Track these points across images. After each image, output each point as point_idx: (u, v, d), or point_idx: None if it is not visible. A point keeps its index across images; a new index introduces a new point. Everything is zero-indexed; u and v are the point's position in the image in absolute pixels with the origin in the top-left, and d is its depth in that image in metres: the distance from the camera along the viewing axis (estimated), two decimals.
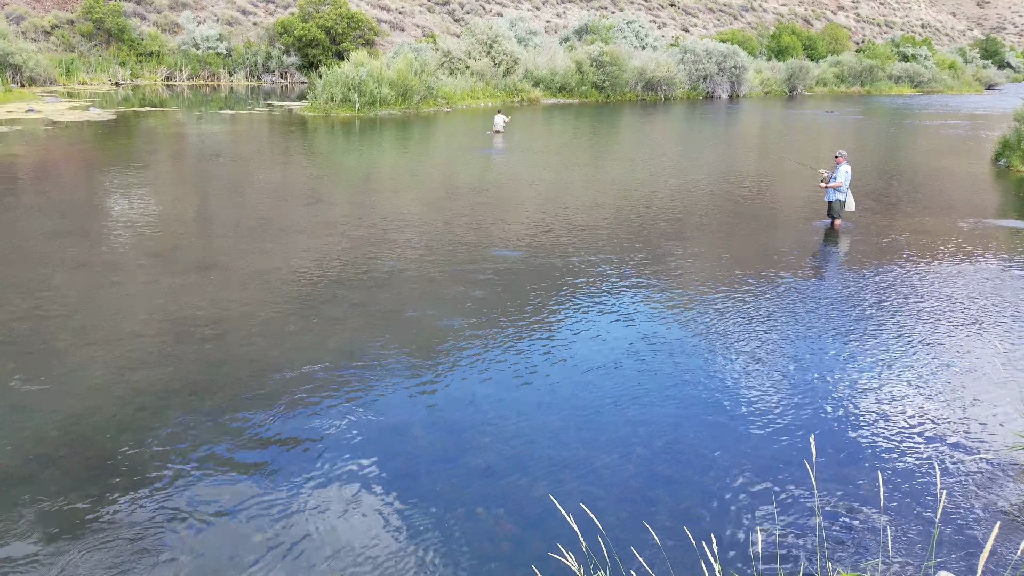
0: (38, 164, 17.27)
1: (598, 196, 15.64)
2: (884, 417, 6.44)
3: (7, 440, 5.66)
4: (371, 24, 46.74)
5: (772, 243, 12.18)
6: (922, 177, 19.91)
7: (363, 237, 11.62)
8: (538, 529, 4.84)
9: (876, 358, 7.64)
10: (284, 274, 9.70)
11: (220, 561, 4.49)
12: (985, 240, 12.69)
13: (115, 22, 40.67)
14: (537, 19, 60.38)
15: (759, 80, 53.89)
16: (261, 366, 7.00)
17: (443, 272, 9.99)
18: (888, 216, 14.42)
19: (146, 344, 7.41)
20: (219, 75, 43.65)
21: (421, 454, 5.67)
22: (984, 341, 8.13)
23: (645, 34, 54.24)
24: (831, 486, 5.42)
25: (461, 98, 36.14)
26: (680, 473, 5.52)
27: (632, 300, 9.18)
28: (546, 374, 7.06)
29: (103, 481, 5.20)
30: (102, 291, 8.89)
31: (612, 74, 43.37)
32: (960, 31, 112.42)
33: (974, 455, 5.86)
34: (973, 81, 73.94)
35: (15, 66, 34.45)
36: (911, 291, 9.80)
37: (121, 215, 12.62)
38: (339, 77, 30.65)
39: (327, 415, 6.18)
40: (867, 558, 4.67)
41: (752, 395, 6.77)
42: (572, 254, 11.06)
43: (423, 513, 4.98)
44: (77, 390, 6.44)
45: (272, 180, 16.51)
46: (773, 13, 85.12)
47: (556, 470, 5.49)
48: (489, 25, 40.69)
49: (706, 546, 3.76)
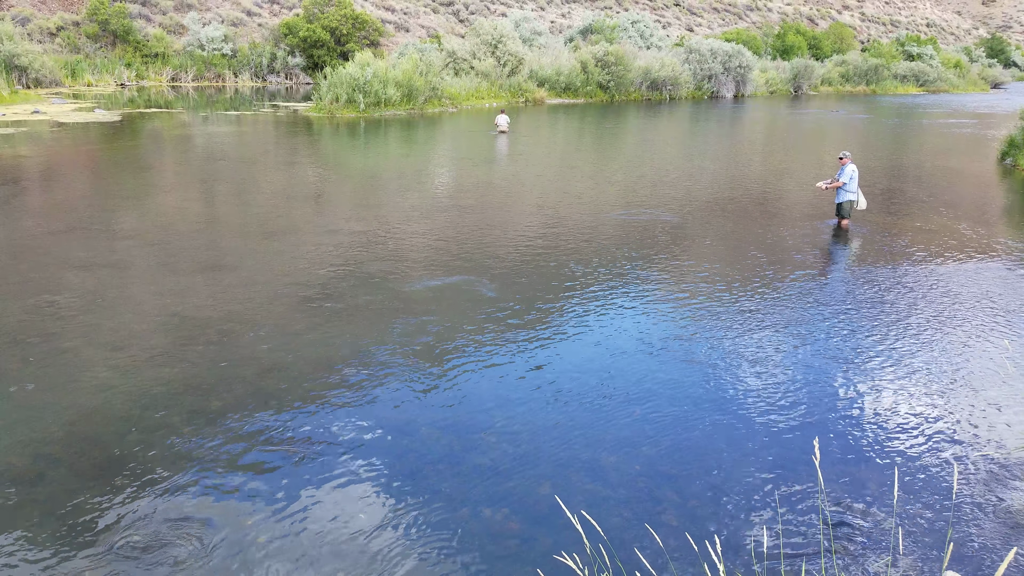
0: (44, 165, 17.32)
1: (603, 196, 15.62)
2: (892, 417, 6.41)
3: (14, 439, 5.67)
4: (376, 25, 46.80)
5: (779, 243, 12.15)
6: (928, 176, 19.84)
7: (369, 238, 11.63)
8: (544, 528, 4.83)
9: (883, 357, 7.61)
10: (290, 274, 9.71)
11: (226, 560, 4.49)
12: (992, 239, 12.64)
13: (120, 23, 40.80)
14: (542, 19, 60.38)
15: (764, 79, 53.79)
16: (267, 366, 7.01)
17: (450, 272, 9.99)
18: (894, 215, 14.37)
19: (152, 344, 7.43)
20: (224, 76, 43.75)
21: (427, 453, 5.66)
22: (992, 340, 8.09)
23: (650, 34, 54.19)
24: (838, 486, 5.40)
25: (466, 98, 36.15)
26: (686, 472, 5.51)
27: (639, 300, 9.16)
28: (552, 373, 7.05)
29: (109, 480, 5.21)
30: (108, 291, 8.91)
31: (617, 74, 43.34)
32: (965, 30, 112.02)
33: (982, 454, 5.83)
34: (979, 80, 73.67)
35: (21, 68, 34.59)
36: (918, 290, 9.76)
37: (127, 216, 12.65)
38: (344, 78, 30.68)
39: (333, 415, 6.19)
40: (875, 559, 4.65)
41: (759, 394, 6.74)
42: (580, 253, 11.04)
43: (429, 512, 4.97)
44: (84, 390, 6.46)
45: (278, 181, 16.53)
46: (778, 12, 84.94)
47: (562, 469, 5.48)
48: (494, 25, 40.68)
49: (709, 546, 3.74)
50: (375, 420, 6.12)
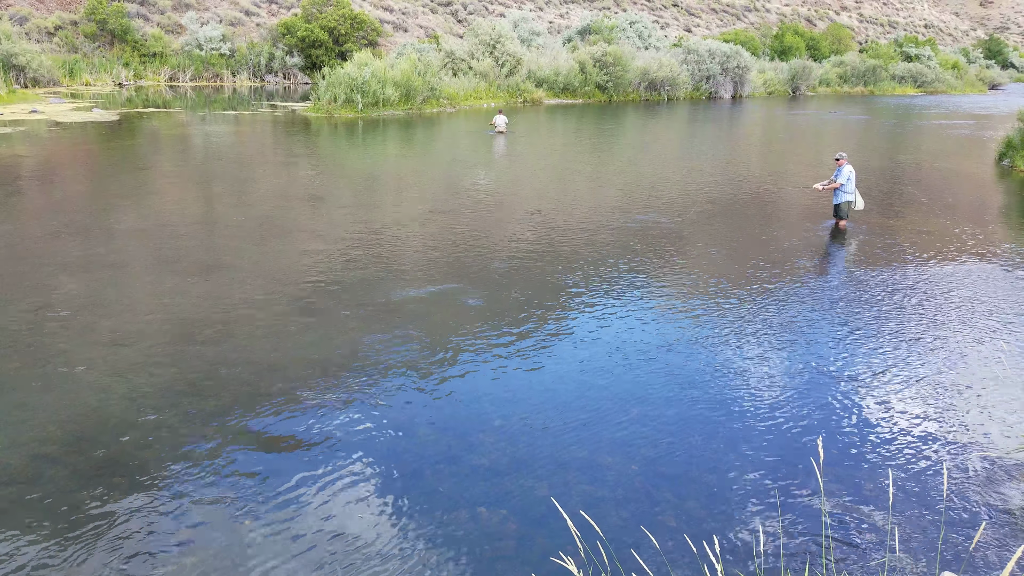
0: (42, 165, 17.29)
1: (602, 197, 15.62)
2: (889, 418, 6.42)
3: (10, 439, 5.66)
4: (374, 25, 46.80)
5: (777, 244, 12.16)
6: (926, 177, 19.87)
7: (366, 238, 11.62)
8: (542, 529, 4.83)
9: (881, 358, 7.61)
10: (287, 274, 9.70)
11: (223, 561, 4.48)
12: (989, 240, 12.66)
13: (118, 23, 40.76)
14: (540, 19, 60.39)
15: (762, 80, 53.84)
16: (264, 366, 7.00)
17: (447, 273, 9.99)
18: (892, 216, 14.39)
19: (149, 344, 7.41)
20: (222, 76, 43.72)
21: (425, 454, 5.66)
22: (989, 341, 8.10)
23: (648, 34, 54.23)
24: (836, 487, 5.40)
25: (464, 98, 36.14)
26: (685, 473, 5.50)
27: (637, 301, 9.16)
28: (550, 374, 7.04)
29: (106, 481, 5.20)
30: (105, 291, 8.90)
31: (615, 74, 43.36)
32: (963, 31, 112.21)
33: (979, 456, 5.83)
34: (976, 81, 73.78)
35: (19, 67, 34.54)
36: (915, 291, 9.77)
37: (124, 216, 12.63)
38: (342, 78, 30.66)
39: (330, 415, 6.18)
40: (872, 559, 4.65)
41: (757, 395, 6.74)
42: (577, 254, 11.04)
43: (426, 513, 4.97)
44: (80, 390, 6.44)
45: (275, 181, 16.52)
46: (776, 13, 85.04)
47: (560, 470, 5.48)
48: (492, 25, 40.68)
49: (708, 547, 3.73)
50: (372, 421, 6.11)
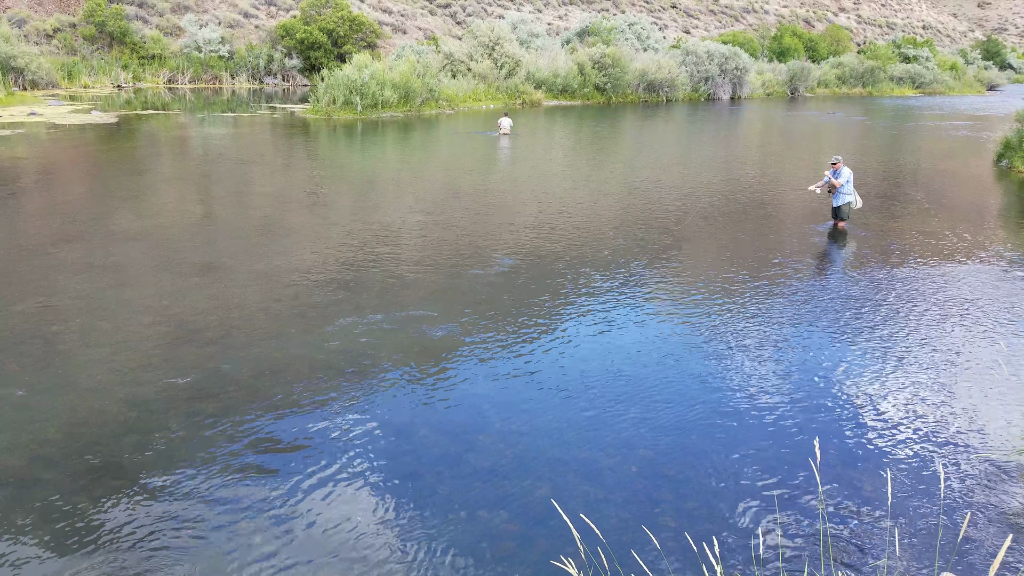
0: (41, 167, 17.29)
1: (601, 198, 15.63)
2: (889, 419, 6.42)
3: (10, 441, 5.66)
4: (373, 27, 46.80)
5: (776, 245, 12.17)
6: (924, 178, 19.89)
7: (365, 240, 11.62)
8: (542, 530, 4.83)
9: (880, 359, 7.62)
10: (287, 276, 9.70)
11: (223, 563, 4.48)
12: (988, 241, 12.67)
13: (117, 25, 40.74)
14: (539, 21, 60.37)
15: (761, 82, 53.87)
16: (264, 368, 7.00)
17: (446, 275, 9.99)
18: (891, 217, 14.40)
19: (149, 346, 7.41)
20: (221, 78, 43.71)
21: (425, 455, 5.66)
22: (988, 342, 8.11)
23: (647, 36, 54.23)
24: (836, 488, 5.40)
25: (463, 100, 36.15)
26: (684, 474, 5.51)
27: (636, 302, 9.17)
28: (550, 376, 7.04)
29: (106, 483, 5.20)
30: (105, 293, 8.90)
31: (614, 76, 43.36)
32: (961, 32, 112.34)
33: (979, 456, 5.84)
34: (974, 82, 73.82)
35: (17, 69, 34.51)
36: (915, 292, 9.78)
37: (124, 218, 12.63)
38: (341, 79, 30.66)
39: (330, 417, 6.18)
40: (872, 560, 4.65)
41: (757, 396, 6.75)
42: (577, 256, 11.05)
43: (426, 514, 4.97)
44: (80, 392, 6.44)
45: (274, 183, 16.52)
46: (774, 15, 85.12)
47: (560, 471, 5.48)
48: (491, 27, 40.69)
49: (708, 548, 3.74)
50: (372, 422, 6.11)
